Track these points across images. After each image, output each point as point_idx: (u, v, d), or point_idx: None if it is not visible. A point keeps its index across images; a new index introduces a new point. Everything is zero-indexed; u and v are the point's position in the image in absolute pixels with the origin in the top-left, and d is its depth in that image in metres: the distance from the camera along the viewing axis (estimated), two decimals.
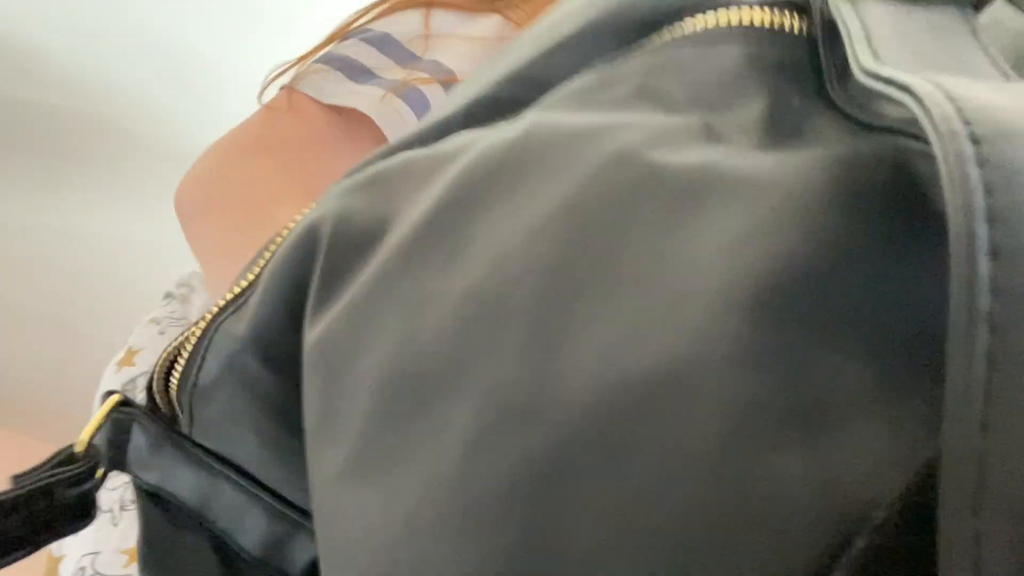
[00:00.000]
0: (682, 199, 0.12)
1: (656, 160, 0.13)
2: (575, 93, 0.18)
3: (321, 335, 0.15)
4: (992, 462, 0.07)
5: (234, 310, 0.20)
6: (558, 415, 0.11)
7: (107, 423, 0.22)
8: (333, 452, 0.14)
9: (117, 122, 1.43)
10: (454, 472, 0.12)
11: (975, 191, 0.08)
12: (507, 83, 0.20)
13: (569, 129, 0.15)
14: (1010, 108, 0.08)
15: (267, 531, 0.20)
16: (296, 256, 0.17)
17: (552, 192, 0.14)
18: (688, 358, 0.10)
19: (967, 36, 0.15)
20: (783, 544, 0.09)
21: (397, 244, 0.15)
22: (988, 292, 0.07)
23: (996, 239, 0.07)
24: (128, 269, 1.76)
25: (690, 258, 0.11)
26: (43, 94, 1.38)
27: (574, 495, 0.11)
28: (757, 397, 0.10)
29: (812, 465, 0.10)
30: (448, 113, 0.20)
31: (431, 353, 0.13)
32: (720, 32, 0.18)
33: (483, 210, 0.14)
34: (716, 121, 0.16)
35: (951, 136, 0.08)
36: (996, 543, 0.07)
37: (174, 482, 0.21)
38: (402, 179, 0.17)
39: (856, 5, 0.16)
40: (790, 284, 0.10)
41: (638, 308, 0.11)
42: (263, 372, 0.19)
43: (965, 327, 0.07)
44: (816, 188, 0.11)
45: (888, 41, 0.15)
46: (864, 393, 0.10)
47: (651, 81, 0.17)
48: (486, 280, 0.13)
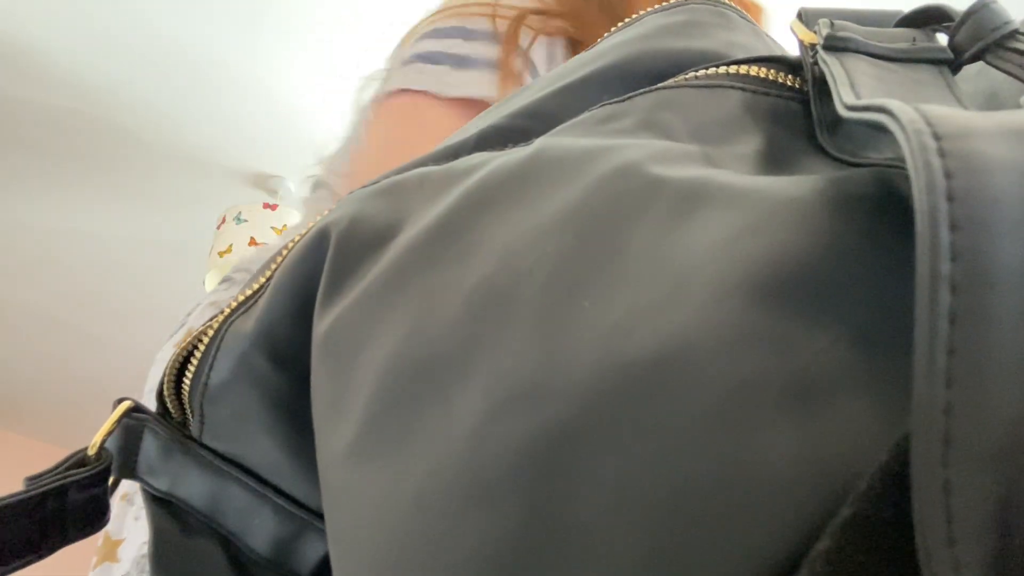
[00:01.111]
0: (682, 202, 0.13)
1: (657, 172, 0.14)
2: (583, 122, 0.19)
3: (331, 325, 0.16)
4: (958, 414, 0.08)
5: (244, 311, 0.21)
6: (564, 395, 0.12)
7: (118, 429, 0.22)
8: (341, 432, 0.14)
9: (118, 122, 1.45)
10: (463, 450, 0.12)
11: (936, 174, 0.09)
12: (519, 116, 0.22)
13: (576, 148, 0.16)
14: (969, 116, 0.10)
15: (276, 531, 0.20)
16: (307, 256, 0.18)
17: (559, 198, 0.15)
18: (686, 340, 0.11)
19: (943, 89, 0.17)
20: (775, 516, 0.10)
21: (409, 241, 0.16)
22: (948, 258, 0.08)
23: (955, 214, 0.08)
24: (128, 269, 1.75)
25: (689, 251, 0.12)
26: (43, 94, 1.40)
27: (579, 471, 0.11)
28: (751, 377, 0.11)
29: (802, 440, 0.10)
30: (461, 139, 0.21)
31: (441, 340, 0.14)
32: (720, 78, 0.19)
33: (494, 213, 0.15)
34: (714, 152, 0.17)
35: (916, 134, 0.09)
36: (965, 493, 0.08)
37: (184, 487, 0.21)
38: (416, 188, 0.18)
39: (842, 60, 0.18)
40: (784, 273, 0.11)
41: (639, 295, 0.12)
42: (272, 370, 0.19)
43: (929, 289, 0.08)
44: (809, 194, 0.12)
45: (870, 88, 0.16)
46: (850, 373, 0.10)
47: (655, 116, 0.19)
48: (496, 274, 0.14)
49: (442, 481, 0.12)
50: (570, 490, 0.11)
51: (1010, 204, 0.08)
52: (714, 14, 0.24)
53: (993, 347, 0.08)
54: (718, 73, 0.20)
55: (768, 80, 0.20)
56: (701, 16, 0.24)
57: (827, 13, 0.20)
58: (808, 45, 0.19)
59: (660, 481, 0.10)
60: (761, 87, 0.19)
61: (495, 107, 0.24)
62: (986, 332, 0.08)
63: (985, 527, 0.08)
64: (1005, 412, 0.08)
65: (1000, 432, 0.08)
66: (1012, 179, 0.09)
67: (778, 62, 0.21)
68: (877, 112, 0.12)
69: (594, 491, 0.11)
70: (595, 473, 0.11)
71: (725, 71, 0.20)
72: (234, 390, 0.20)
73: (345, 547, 0.14)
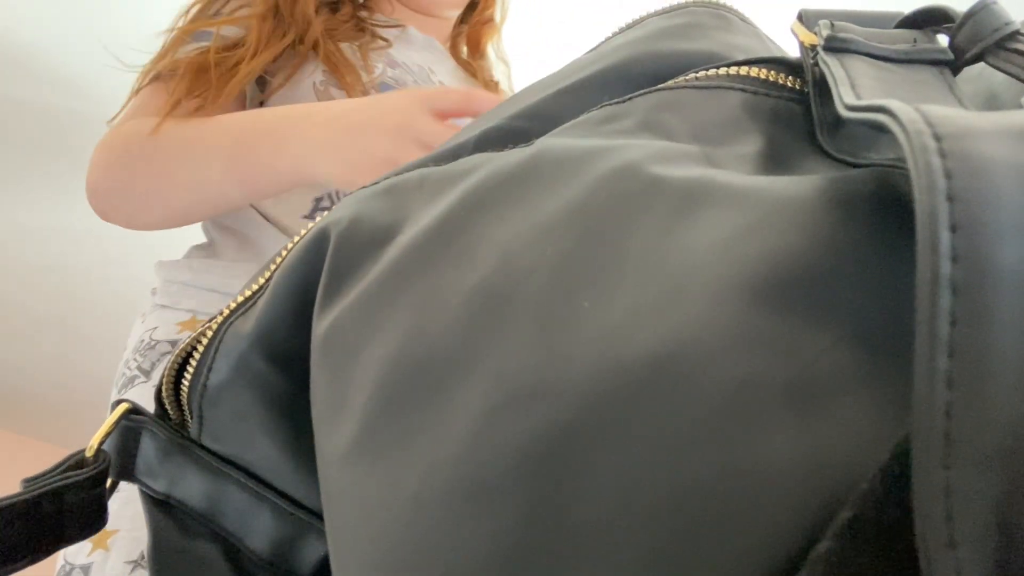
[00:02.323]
0: (681, 202, 0.13)
1: (657, 172, 0.14)
2: (583, 123, 0.19)
3: (330, 326, 0.16)
4: (958, 415, 0.08)
5: (243, 312, 0.20)
6: (563, 395, 0.12)
7: (116, 430, 0.22)
8: (341, 432, 0.14)
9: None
10: (462, 450, 0.12)
11: (937, 175, 0.09)
12: (519, 118, 0.22)
13: (576, 149, 0.16)
14: (970, 117, 0.10)
15: (276, 532, 0.20)
16: (306, 256, 0.18)
17: (559, 198, 0.15)
18: (686, 341, 0.11)
19: (944, 90, 0.17)
20: (776, 517, 0.10)
21: (409, 243, 0.16)
22: (949, 259, 0.08)
23: (955, 215, 0.08)
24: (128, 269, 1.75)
25: (689, 251, 0.12)
26: (43, 94, 1.40)
27: (578, 472, 0.11)
28: (752, 378, 0.10)
29: (803, 442, 0.10)
30: (461, 140, 0.21)
31: (440, 341, 0.14)
32: (721, 79, 0.19)
33: (493, 214, 0.15)
34: (714, 152, 0.17)
35: (917, 134, 0.09)
36: (966, 494, 0.08)
37: (183, 488, 0.21)
38: (416, 189, 0.18)
39: (843, 60, 0.18)
40: (784, 273, 0.11)
41: (639, 296, 0.12)
42: (270, 371, 0.19)
43: (929, 290, 0.08)
44: (809, 194, 0.12)
45: (871, 88, 0.16)
46: (851, 374, 0.10)
47: (655, 116, 0.19)
48: (495, 275, 0.14)
49: (441, 481, 0.12)
50: (570, 491, 0.11)
51: (1010, 205, 0.08)
52: (714, 17, 0.24)
53: (994, 348, 0.08)
54: (718, 74, 0.20)
55: (768, 81, 0.20)
56: (701, 19, 0.24)
57: (828, 14, 0.20)
58: (808, 46, 0.19)
59: (660, 482, 0.10)
60: (761, 88, 0.19)
61: (496, 109, 0.24)
62: (987, 333, 0.08)
63: (986, 529, 0.08)
64: (1006, 413, 0.08)
65: (1001, 433, 0.08)
66: (1013, 180, 0.09)
67: (778, 63, 0.21)
68: (877, 112, 0.12)
69: (594, 492, 0.11)
70: (595, 474, 0.11)
71: (725, 72, 0.20)
72: (233, 391, 0.20)
73: (345, 547, 0.14)
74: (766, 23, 0.54)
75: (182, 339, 0.53)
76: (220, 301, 0.53)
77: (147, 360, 0.51)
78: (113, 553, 0.44)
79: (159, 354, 0.51)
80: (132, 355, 0.52)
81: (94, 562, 0.44)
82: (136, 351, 0.52)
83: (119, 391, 0.52)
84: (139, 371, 0.51)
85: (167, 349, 0.51)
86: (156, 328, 0.52)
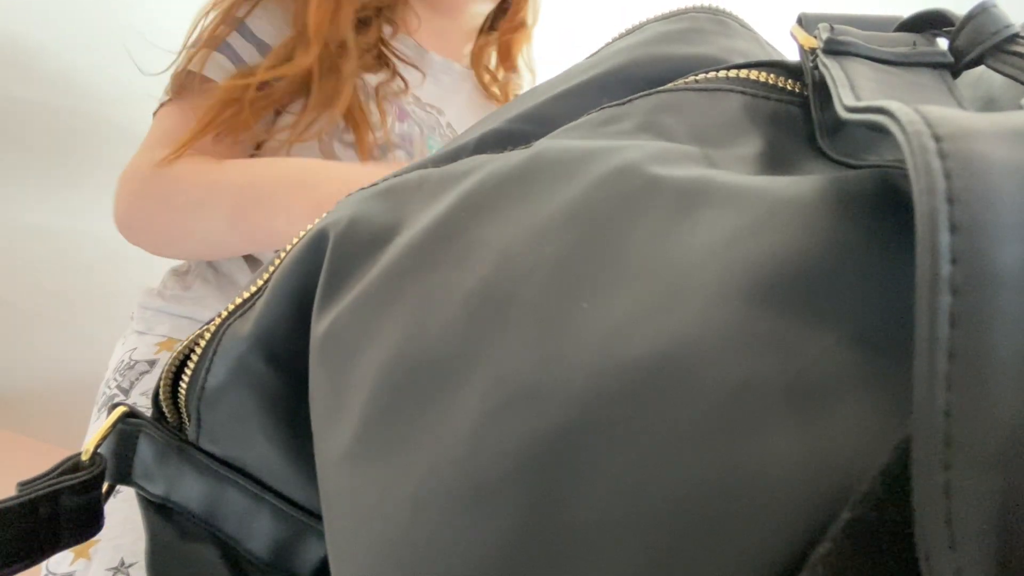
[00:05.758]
0: (680, 203, 0.13)
1: (656, 173, 0.14)
2: (583, 125, 0.19)
3: (329, 327, 0.16)
4: (958, 416, 0.08)
5: (242, 314, 0.20)
6: (563, 397, 0.12)
7: (113, 434, 0.22)
8: (339, 434, 0.14)
9: (117, 122, 1.45)
10: (462, 452, 0.12)
11: (936, 176, 0.09)
12: (519, 120, 0.22)
13: (575, 150, 0.16)
14: (969, 118, 0.10)
15: (275, 534, 0.20)
16: (305, 257, 0.18)
17: (557, 199, 0.15)
18: (685, 342, 0.11)
19: (944, 92, 0.17)
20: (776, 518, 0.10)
21: (407, 244, 0.16)
22: (949, 261, 0.08)
23: (955, 216, 0.08)
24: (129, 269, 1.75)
25: (688, 252, 0.12)
26: (43, 94, 1.40)
27: (578, 473, 0.11)
28: (752, 379, 0.10)
29: (803, 443, 0.10)
30: (461, 143, 0.21)
31: (439, 343, 0.14)
32: (721, 82, 0.19)
33: (492, 215, 0.15)
34: (714, 154, 0.17)
35: (916, 135, 0.09)
36: (966, 495, 0.08)
37: (181, 491, 0.21)
38: (415, 190, 0.18)
39: (843, 63, 0.18)
40: (784, 274, 0.11)
41: (639, 297, 0.12)
42: (269, 372, 0.19)
43: (929, 291, 0.08)
44: (809, 194, 0.12)
45: (871, 90, 0.16)
46: (851, 375, 0.10)
47: (655, 118, 0.19)
48: (494, 276, 0.14)
49: (440, 483, 0.12)
50: (569, 492, 0.11)
51: (1010, 206, 0.08)
52: (714, 22, 0.24)
53: (994, 350, 0.08)
54: (718, 77, 0.20)
55: (768, 84, 0.20)
56: (701, 24, 0.24)
57: (827, 18, 0.20)
58: (808, 49, 0.19)
59: (660, 483, 0.10)
60: (761, 91, 0.19)
61: (496, 112, 0.24)
62: (987, 335, 0.08)
63: (986, 530, 0.08)
64: (1006, 415, 0.08)
65: (1001, 435, 0.08)
66: (1012, 180, 0.09)
67: (778, 66, 0.21)
68: (877, 113, 0.12)
69: (594, 493, 0.11)
70: (595, 475, 0.11)
71: (725, 75, 0.20)
72: (231, 393, 0.20)
73: (344, 549, 0.14)
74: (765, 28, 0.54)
75: (160, 358, 0.53)
76: (193, 327, 0.54)
77: (126, 379, 0.52)
78: (95, 562, 0.44)
79: (138, 373, 0.52)
80: (112, 375, 0.54)
81: (76, 571, 0.44)
82: (116, 371, 0.53)
83: (99, 411, 0.53)
84: (119, 390, 0.52)
85: (146, 368, 0.52)
86: (135, 349, 0.54)
